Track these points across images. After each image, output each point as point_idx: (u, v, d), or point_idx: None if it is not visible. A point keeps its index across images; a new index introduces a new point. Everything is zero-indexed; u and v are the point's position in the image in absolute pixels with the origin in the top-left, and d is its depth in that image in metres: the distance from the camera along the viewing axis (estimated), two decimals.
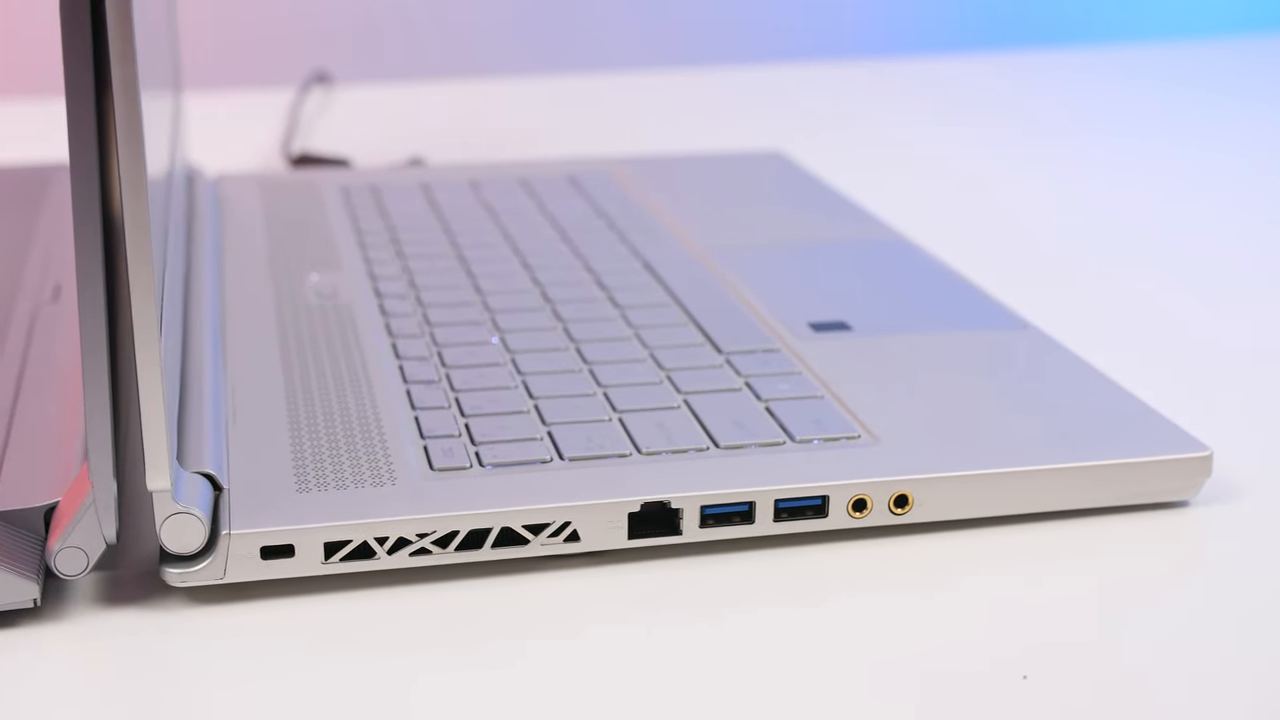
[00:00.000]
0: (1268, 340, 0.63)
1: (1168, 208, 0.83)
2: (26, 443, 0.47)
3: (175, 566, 0.42)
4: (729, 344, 0.55)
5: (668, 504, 0.44)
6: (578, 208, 0.73)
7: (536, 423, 0.49)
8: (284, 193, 0.74)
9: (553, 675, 0.40)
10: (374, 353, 0.54)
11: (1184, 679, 0.40)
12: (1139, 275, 0.71)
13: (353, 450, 0.46)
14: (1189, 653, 0.41)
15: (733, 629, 0.42)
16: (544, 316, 0.58)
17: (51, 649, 0.41)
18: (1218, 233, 0.79)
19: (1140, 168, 0.92)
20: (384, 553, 0.43)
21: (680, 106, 1.08)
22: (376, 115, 1.02)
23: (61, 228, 0.68)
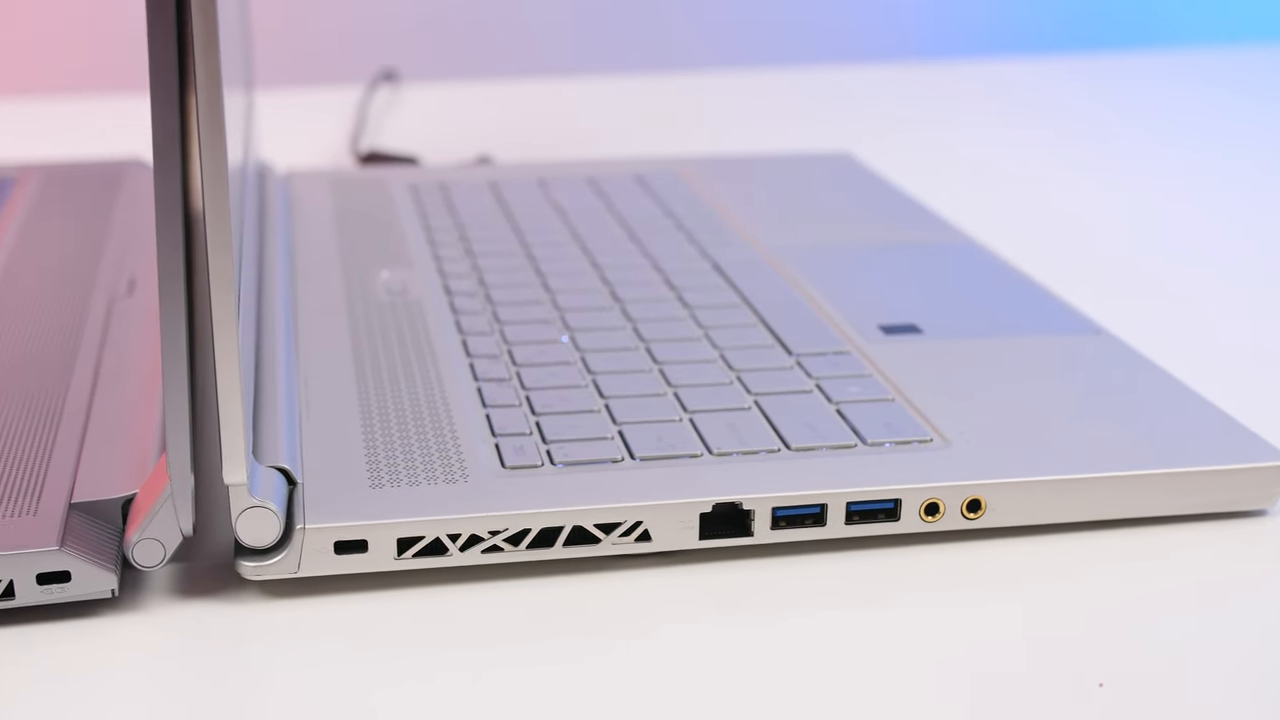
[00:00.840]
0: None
1: (1240, 214, 0.82)
2: (103, 435, 0.47)
3: (250, 560, 0.42)
4: (799, 346, 0.55)
5: (739, 505, 0.44)
6: (645, 207, 0.73)
7: (607, 422, 0.49)
8: (354, 189, 0.75)
9: (625, 674, 0.40)
10: (444, 350, 0.54)
11: (1261, 691, 0.39)
12: (1212, 281, 0.70)
13: (425, 447, 0.47)
14: (1266, 665, 0.40)
15: (805, 631, 0.42)
16: (613, 316, 0.58)
17: (128, 639, 0.41)
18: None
19: (1214, 173, 0.91)
20: (456, 549, 0.43)
21: (747, 107, 1.08)
22: (443, 113, 1.02)
23: (136, 222, 0.69)
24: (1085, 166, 0.92)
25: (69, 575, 0.41)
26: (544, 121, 1.02)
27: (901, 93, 1.13)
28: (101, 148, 0.83)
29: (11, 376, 0.52)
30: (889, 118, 1.05)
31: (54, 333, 0.55)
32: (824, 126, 1.01)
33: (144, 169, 0.78)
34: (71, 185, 0.74)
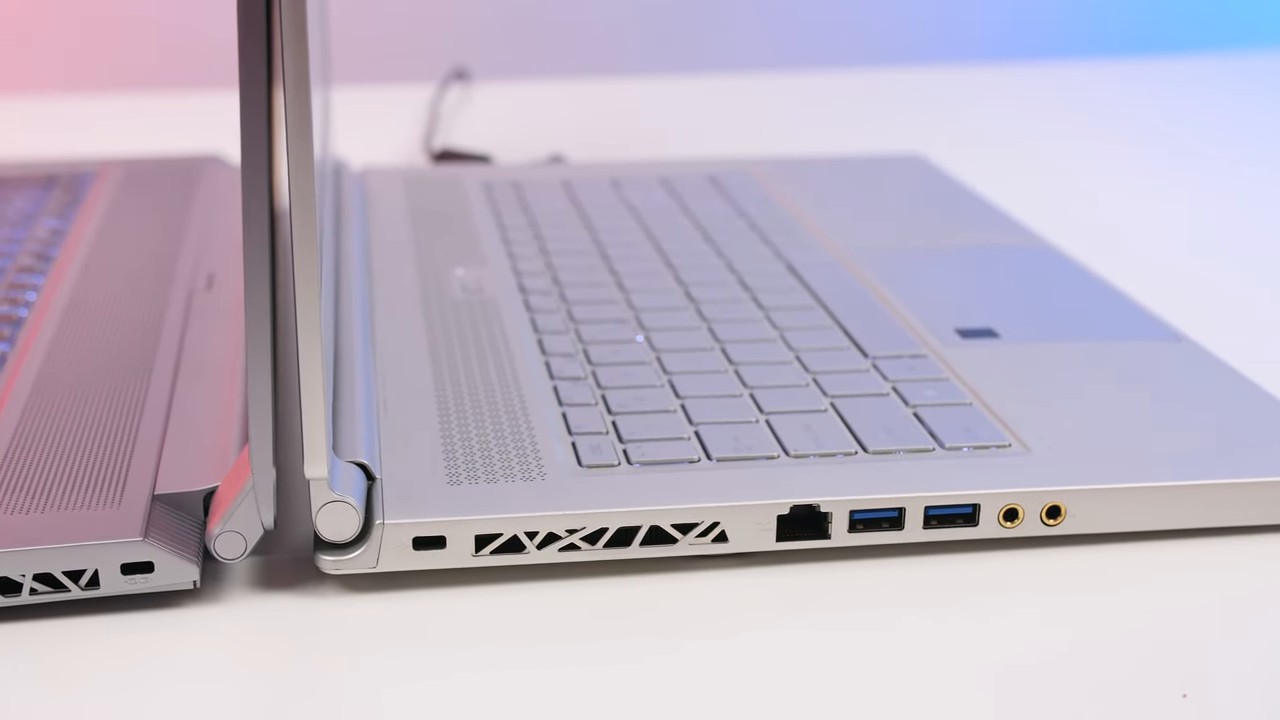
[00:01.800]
0: None
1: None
2: (184, 428, 0.48)
3: (329, 554, 0.43)
4: (875, 348, 0.55)
5: (816, 507, 0.44)
6: (718, 208, 0.73)
7: (683, 422, 0.49)
8: (428, 187, 0.75)
9: (700, 675, 0.40)
10: (520, 348, 0.54)
11: None
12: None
13: (502, 444, 0.47)
14: None
15: (880, 634, 0.42)
16: (688, 316, 0.58)
17: (209, 629, 0.42)
18: None
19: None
20: (533, 547, 0.43)
21: (818, 109, 1.07)
22: (514, 112, 1.03)
23: (214, 218, 0.69)
24: (1159, 171, 0.91)
25: (152, 566, 0.42)
26: (614, 121, 1.02)
27: (972, 95, 1.12)
28: (180, 143, 0.84)
29: (94, 368, 0.52)
30: (960, 120, 1.04)
31: (135, 326, 0.56)
32: (895, 128, 1.01)
33: (222, 165, 0.78)
34: (151, 180, 0.75)
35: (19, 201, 0.72)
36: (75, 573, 0.41)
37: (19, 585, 0.41)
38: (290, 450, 0.47)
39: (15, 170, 0.77)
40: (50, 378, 0.52)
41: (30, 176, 0.76)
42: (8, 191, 0.74)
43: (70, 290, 0.60)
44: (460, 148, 0.88)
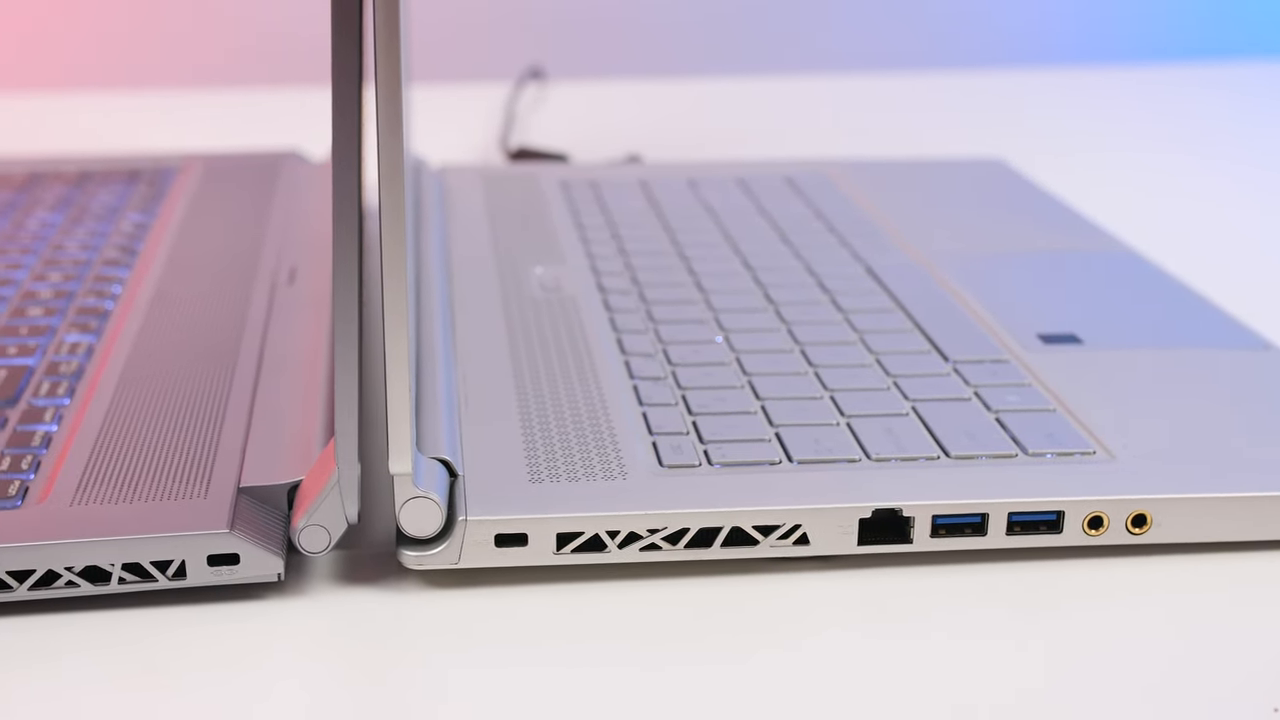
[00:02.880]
0: None
1: None
2: (268, 421, 0.48)
3: (412, 549, 0.43)
4: (956, 352, 0.54)
5: (899, 511, 0.44)
6: (796, 209, 0.72)
7: (764, 423, 0.49)
8: (505, 185, 0.75)
9: (779, 677, 0.40)
10: (599, 347, 0.55)
11: None
12: None
13: (583, 443, 0.47)
14: None
15: (962, 640, 0.41)
16: (767, 318, 0.58)
17: (292, 622, 0.42)
18: None
19: None
20: (614, 546, 0.43)
21: (895, 111, 1.07)
22: (589, 111, 1.03)
23: (294, 213, 0.70)
24: (1241, 176, 0.90)
25: (238, 558, 0.42)
26: (688, 122, 1.02)
27: (1050, 98, 1.11)
28: (260, 139, 0.84)
29: (179, 361, 0.53)
30: (1042, 123, 1.03)
31: (218, 319, 0.57)
32: (974, 131, 1.00)
33: (301, 161, 0.79)
34: (231, 176, 0.76)
35: (104, 196, 0.73)
36: (163, 563, 0.42)
37: (108, 574, 0.42)
38: (373, 445, 0.47)
39: (100, 165, 0.78)
40: (136, 369, 0.52)
41: (115, 171, 0.77)
42: (93, 186, 0.75)
43: (155, 283, 0.61)
44: (537, 146, 0.88)
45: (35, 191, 0.74)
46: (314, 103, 0.97)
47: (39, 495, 0.44)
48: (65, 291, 0.60)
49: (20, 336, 0.55)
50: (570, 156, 0.86)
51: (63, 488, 0.44)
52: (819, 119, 1.04)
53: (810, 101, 1.09)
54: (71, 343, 0.55)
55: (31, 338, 0.55)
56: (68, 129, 0.98)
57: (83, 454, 0.46)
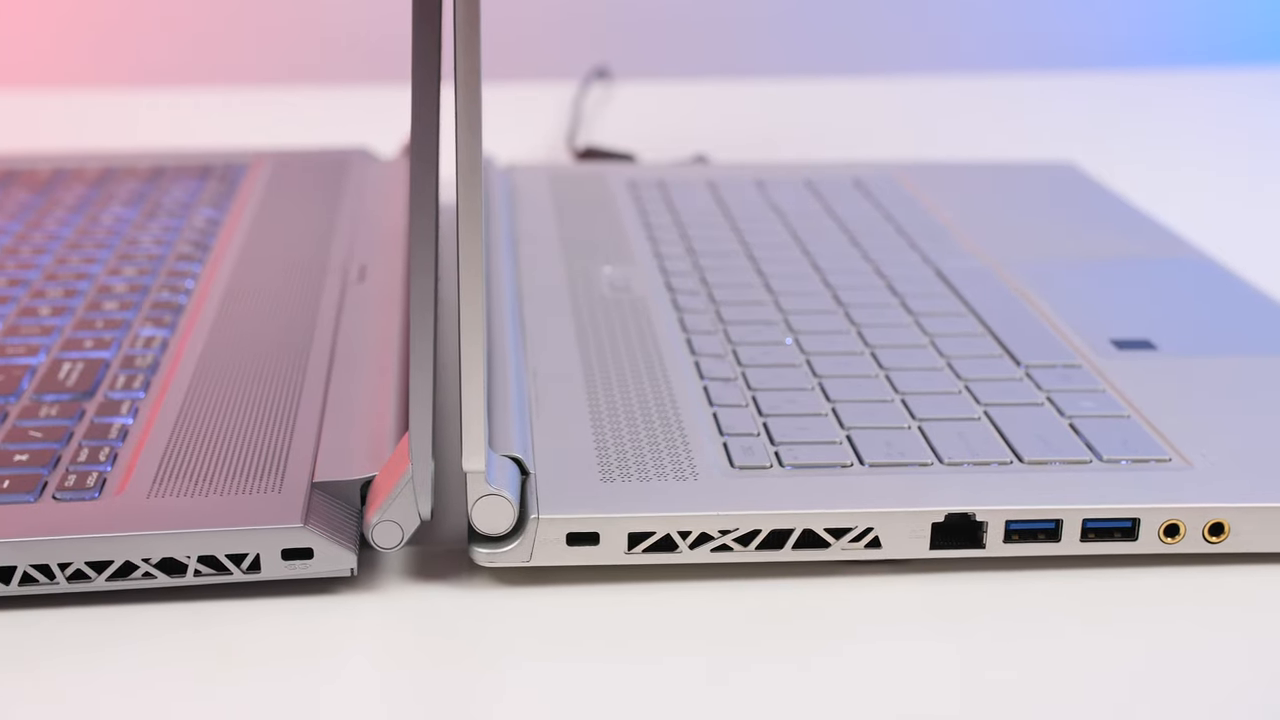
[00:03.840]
0: None
1: None
2: (340, 417, 0.49)
3: (483, 547, 0.43)
4: (1028, 357, 0.54)
5: (972, 516, 0.44)
6: (865, 211, 0.72)
7: (835, 426, 0.48)
8: (573, 184, 0.75)
9: (852, 680, 0.40)
10: (669, 347, 0.55)
11: None
12: None
13: (654, 443, 0.47)
14: None
15: (1034, 646, 0.41)
16: (837, 320, 0.58)
17: (364, 617, 0.42)
18: None
19: None
20: (686, 547, 0.43)
21: (964, 113, 1.06)
22: (655, 111, 1.03)
23: (363, 210, 0.70)
24: None
25: (311, 552, 0.42)
26: (754, 122, 1.02)
27: (1119, 102, 1.10)
28: (327, 137, 0.85)
29: (252, 356, 0.53)
30: (1107, 127, 1.02)
31: (290, 315, 0.57)
32: (1044, 134, 0.99)
33: (370, 158, 0.79)
34: (301, 173, 0.77)
35: (176, 191, 0.74)
36: (237, 556, 0.42)
37: (184, 567, 0.42)
38: (446, 442, 0.47)
39: (172, 160, 0.79)
40: (210, 364, 0.53)
41: (186, 167, 0.78)
42: (165, 181, 0.75)
43: (227, 279, 0.61)
44: (604, 146, 0.88)
45: (109, 186, 0.74)
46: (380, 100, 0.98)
47: (116, 487, 0.44)
48: (140, 286, 0.61)
49: (96, 330, 0.56)
50: (637, 156, 0.86)
51: (139, 480, 0.44)
52: (885, 121, 1.04)
53: (876, 103, 1.09)
54: (146, 336, 0.55)
55: (107, 331, 0.56)
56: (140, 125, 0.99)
57: (158, 447, 0.46)
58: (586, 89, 1.04)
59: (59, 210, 0.71)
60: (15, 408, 0.49)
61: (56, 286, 0.61)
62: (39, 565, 0.41)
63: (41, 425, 0.48)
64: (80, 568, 0.42)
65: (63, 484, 0.44)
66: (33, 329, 0.56)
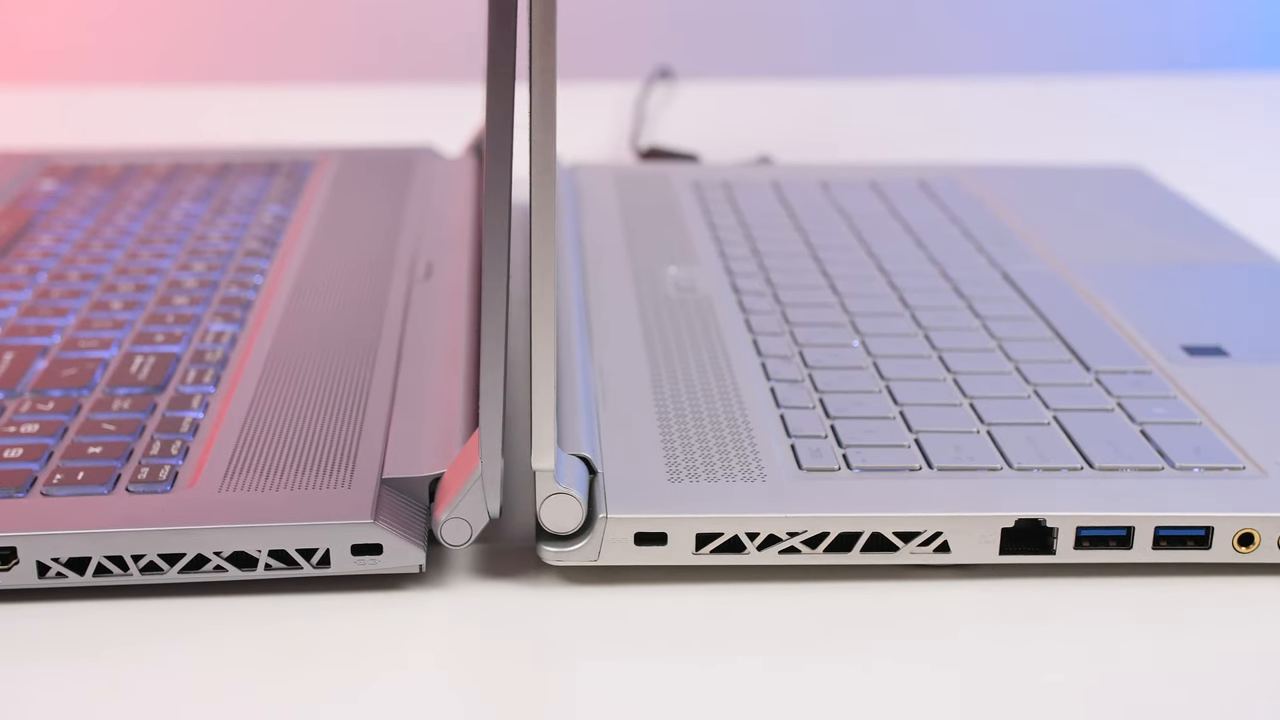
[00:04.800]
0: None
1: None
2: (409, 414, 0.49)
3: (551, 545, 0.43)
4: (1098, 362, 0.54)
5: (1042, 522, 0.43)
6: (930, 214, 0.72)
7: (903, 429, 0.48)
8: (637, 184, 0.75)
9: (919, 685, 0.39)
10: (735, 348, 0.54)
11: None
12: None
13: (721, 444, 0.47)
14: None
15: (1105, 653, 0.41)
16: (904, 322, 0.57)
17: (432, 613, 0.43)
18: None
19: None
20: (754, 548, 0.43)
21: (1030, 116, 1.05)
22: (718, 112, 1.03)
23: (429, 207, 0.71)
24: None
25: (381, 548, 0.42)
26: (817, 123, 1.02)
27: (1188, 105, 1.09)
28: (390, 134, 0.85)
29: (320, 351, 0.53)
30: (1180, 130, 1.01)
31: (358, 312, 0.57)
32: (1109, 137, 0.98)
33: (435, 156, 0.80)
34: (367, 170, 0.77)
35: (244, 188, 0.74)
36: (307, 551, 0.42)
37: (255, 560, 0.42)
38: (513, 440, 0.47)
39: (240, 157, 0.80)
40: (279, 359, 0.53)
41: (254, 164, 0.78)
42: (233, 178, 0.76)
43: (295, 275, 0.62)
44: (667, 146, 0.88)
45: (178, 182, 0.75)
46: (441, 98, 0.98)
47: (188, 480, 0.45)
48: (209, 281, 0.61)
49: (167, 325, 0.56)
50: (701, 157, 0.86)
51: (211, 474, 0.45)
52: (949, 123, 1.03)
53: (940, 106, 1.08)
54: (216, 331, 0.56)
55: (178, 326, 0.56)
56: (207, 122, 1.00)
57: (229, 441, 0.47)
58: (649, 89, 1.04)
59: (129, 205, 0.71)
60: (89, 400, 0.50)
61: (128, 281, 0.61)
62: (113, 557, 0.42)
63: (114, 418, 0.48)
64: (153, 560, 0.42)
65: (136, 476, 0.45)
66: (105, 323, 0.57)
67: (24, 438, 0.47)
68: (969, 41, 1.56)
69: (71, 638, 0.41)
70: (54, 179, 0.75)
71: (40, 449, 0.46)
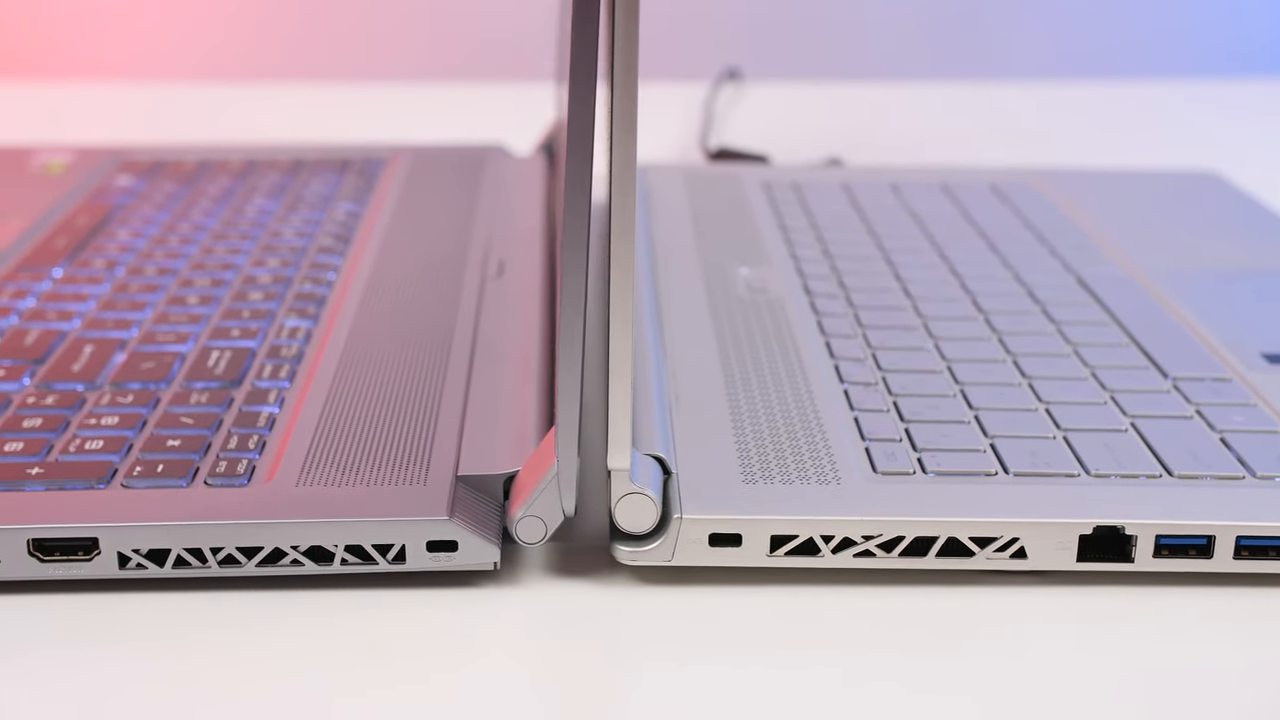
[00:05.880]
0: None
1: None
2: (482, 412, 0.49)
3: (626, 545, 0.43)
4: (1176, 369, 0.53)
5: (1121, 530, 0.43)
6: (1003, 217, 0.71)
7: (978, 434, 0.48)
8: (707, 184, 0.75)
9: (993, 690, 0.39)
10: (808, 350, 0.54)
11: None
12: None
13: (795, 446, 0.47)
14: None
15: (1183, 663, 0.40)
16: (978, 326, 0.57)
17: (506, 610, 0.43)
18: None
19: None
20: (828, 551, 0.43)
21: (1104, 120, 1.04)
22: (786, 113, 1.02)
23: (500, 206, 0.71)
24: None
25: (456, 545, 0.43)
26: (884, 125, 1.01)
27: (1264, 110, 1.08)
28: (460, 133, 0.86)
29: (394, 348, 0.54)
30: (1259, 135, 1.00)
31: (431, 309, 0.58)
32: (1186, 142, 0.97)
33: (505, 155, 0.80)
34: (437, 168, 0.77)
35: (316, 185, 0.75)
36: (384, 546, 0.43)
37: (331, 555, 0.43)
38: (590, 440, 0.47)
39: (312, 154, 0.80)
40: (353, 355, 0.53)
41: (326, 161, 0.79)
42: (305, 174, 0.77)
43: (368, 272, 0.62)
44: (737, 147, 0.88)
45: (251, 179, 0.76)
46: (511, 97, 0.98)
47: (265, 474, 0.45)
48: (283, 277, 0.62)
49: (242, 320, 0.57)
50: (770, 158, 0.86)
51: (288, 468, 0.45)
52: (1021, 127, 1.02)
53: (1011, 109, 1.07)
54: (291, 327, 0.56)
55: (253, 321, 0.57)
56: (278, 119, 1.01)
57: (305, 436, 0.47)
58: (717, 90, 1.04)
59: (204, 201, 0.72)
60: (167, 394, 0.50)
61: (204, 276, 0.62)
62: (192, 549, 0.42)
63: (192, 412, 0.49)
64: (231, 552, 0.42)
65: (214, 470, 0.45)
66: (181, 317, 0.57)
67: (104, 430, 0.47)
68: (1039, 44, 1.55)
69: (153, 628, 0.41)
70: (130, 174, 0.76)
71: (120, 441, 0.47)
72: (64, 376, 0.52)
